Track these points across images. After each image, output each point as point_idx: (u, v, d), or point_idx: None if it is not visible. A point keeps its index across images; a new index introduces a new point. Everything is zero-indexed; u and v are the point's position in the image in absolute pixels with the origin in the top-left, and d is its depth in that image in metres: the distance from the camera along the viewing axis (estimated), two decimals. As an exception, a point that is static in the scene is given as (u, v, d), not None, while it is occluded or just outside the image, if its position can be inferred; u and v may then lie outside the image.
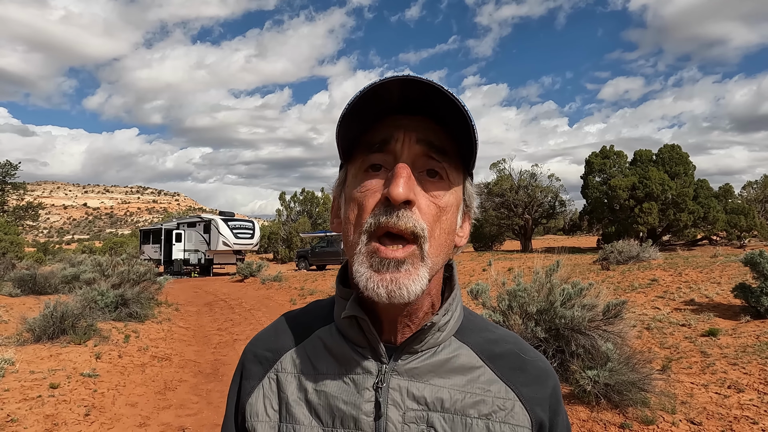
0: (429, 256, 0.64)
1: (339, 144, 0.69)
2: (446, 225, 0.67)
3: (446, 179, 0.66)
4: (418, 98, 0.63)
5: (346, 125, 0.65)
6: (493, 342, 0.74)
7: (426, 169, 0.66)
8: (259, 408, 0.73)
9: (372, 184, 0.65)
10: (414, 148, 0.65)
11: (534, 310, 4.85)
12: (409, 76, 0.60)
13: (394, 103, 0.64)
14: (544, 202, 33.12)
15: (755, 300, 6.66)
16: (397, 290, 0.62)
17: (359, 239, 0.64)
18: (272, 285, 17.63)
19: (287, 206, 43.51)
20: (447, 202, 0.66)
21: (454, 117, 0.63)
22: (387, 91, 0.62)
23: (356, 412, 0.67)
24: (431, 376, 0.69)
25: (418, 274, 0.63)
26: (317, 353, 0.73)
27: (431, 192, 0.65)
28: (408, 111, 0.65)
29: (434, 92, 0.61)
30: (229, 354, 7.40)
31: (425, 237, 0.63)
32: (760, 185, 41.60)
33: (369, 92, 0.62)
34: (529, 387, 0.70)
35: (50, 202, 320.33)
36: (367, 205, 0.64)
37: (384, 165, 0.66)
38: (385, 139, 0.65)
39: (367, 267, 0.63)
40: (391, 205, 0.62)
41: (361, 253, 0.64)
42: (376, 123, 0.66)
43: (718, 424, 3.79)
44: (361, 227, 0.64)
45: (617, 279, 10.74)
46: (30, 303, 10.71)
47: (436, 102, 0.63)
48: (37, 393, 4.79)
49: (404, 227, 0.62)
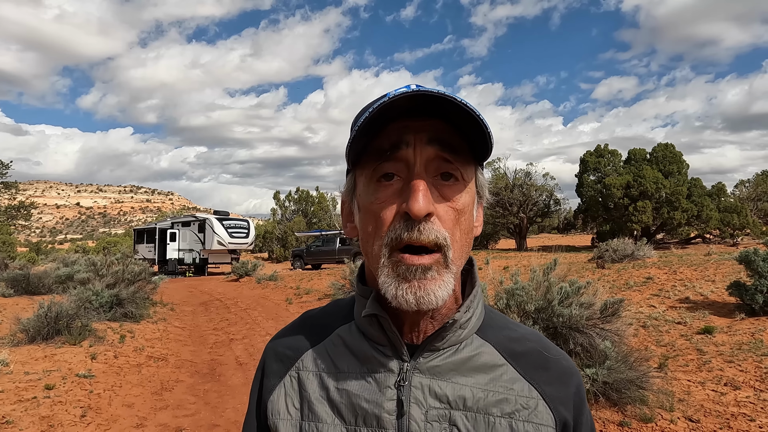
0: (453, 261, 0.64)
1: (348, 155, 0.68)
2: (465, 225, 0.67)
3: (461, 180, 0.66)
4: (427, 103, 0.62)
5: (357, 140, 0.64)
6: (515, 340, 0.73)
7: (440, 173, 0.65)
8: (280, 406, 0.73)
9: (387, 195, 0.64)
10: (426, 150, 0.64)
11: (532, 309, 4.85)
12: (419, 91, 0.59)
13: (403, 108, 0.63)
14: (539, 201, 33.24)
15: (750, 297, 6.71)
16: (426, 296, 0.62)
17: (381, 252, 0.64)
18: (268, 284, 17.56)
19: (282, 205, 43.43)
20: (464, 204, 0.66)
21: (467, 122, 0.62)
22: (394, 105, 0.61)
23: (378, 411, 0.66)
24: (453, 375, 0.68)
25: (443, 280, 0.63)
26: (338, 352, 0.73)
27: (448, 196, 0.65)
28: (417, 114, 0.64)
29: (446, 101, 0.60)
30: (226, 354, 7.36)
31: (448, 245, 0.63)
32: (752, 184, 41.93)
33: (377, 112, 0.61)
34: (552, 386, 0.69)
35: (43, 201, 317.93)
36: (385, 218, 0.64)
37: (396, 173, 0.64)
38: (395, 144, 0.64)
39: (394, 277, 0.63)
40: (411, 220, 0.62)
41: (386, 265, 0.64)
42: (383, 128, 0.65)
43: (715, 422, 3.82)
44: (382, 240, 0.64)
45: (613, 277, 10.79)
46: (23, 303, 10.62)
47: (447, 107, 0.62)
48: (33, 394, 4.75)
49: (427, 241, 0.62)
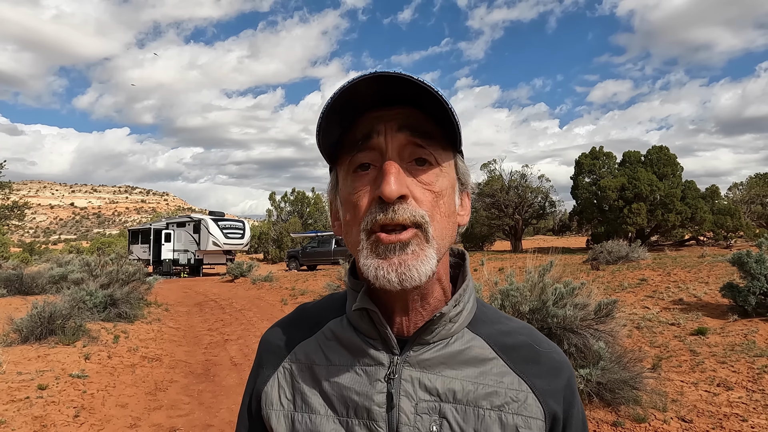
0: (434, 237, 0.64)
1: (322, 150, 0.69)
2: (445, 209, 0.67)
3: (436, 164, 0.66)
4: (392, 92, 0.63)
5: (325, 132, 0.65)
6: (506, 333, 0.74)
7: (414, 158, 0.65)
8: (273, 397, 0.74)
9: (363, 184, 0.65)
10: (397, 137, 0.64)
11: (526, 310, 4.86)
12: (376, 73, 0.59)
13: (369, 99, 0.64)
14: (535, 203, 33.29)
15: (743, 299, 6.76)
16: (407, 272, 0.62)
17: (359, 237, 0.65)
18: (263, 285, 17.52)
19: (277, 206, 43.36)
20: (441, 187, 0.66)
21: (431, 102, 0.63)
22: (359, 91, 0.62)
23: (369, 403, 0.67)
24: (443, 368, 0.68)
25: (425, 254, 0.63)
26: (329, 345, 0.74)
27: (423, 180, 0.65)
28: (385, 104, 0.65)
29: (406, 83, 0.60)
30: (220, 354, 7.33)
31: (427, 222, 0.63)
32: (745, 187, 42.17)
33: (339, 97, 0.62)
34: (542, 379, 0.70)
35: (36, 201, 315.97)
36: (361, 205, 0.65)
37: (372, 162, 0.65)
38: (366, 134, 0.65)
39: (373, 257, 0.63)
40: (385, 203, 0.62)
41: (364, 247, 0.64)
42: (355, 121, 0.66)
43: (708, 422, 3.84)
44: (359, 226, 0.65)
45: (607, 279, 10.84)
46: (16, 303, 10.55)
47: (411, 92, 0.62)
48: (25, 394, 4.72)
49: (402, 219, 0.62)
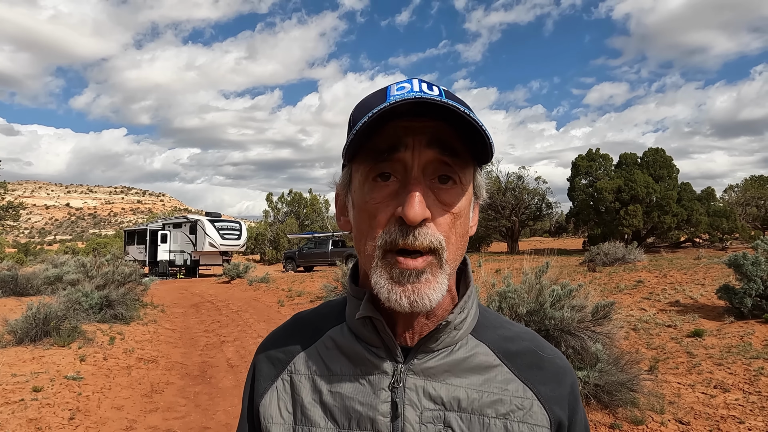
0: (447, 262, 0.63)
1: (348, 152, 0.65)
2: (461, 229, 0.65)
3: (459, 183, 0.64)
4: (428, 104, 0.60)
5: (354, 141, 0.62)
6: (509, 339, 0.73)
7: (438, 175, 0.63)
8: (273, 410, 0.72)
9: (382, 195, 0.63)
10: (425, 153, 0.62)
11: (524, 311, 4.86)
12: (422, 98, 0.57)
13: (403, 108, 0.61)
14: (531, 204, 33.38)
15: (739, 301, 6.78)
16: (420, 300, 0.62)
17: (374, 252, 0.63)
18: (259, 286, 17.48)
19: (274, 207, 43.29)
20: (461, 207, 0.65)
21: (469, 125, 0.60)
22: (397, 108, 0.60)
23: (373, 413, 0.66)
24: (447, 376, 0.68)
25: (438, 281, 0.63)
26: (330, 354, 0.72)
27: (445, 201, 0.63)
28: (415, 114, 0.62)
29: (447, 109, 0.58)
30: (217, 356, 7.30)
31: (443, 248, 0.62)
32: (741, 189, 42.38)
33: (377, 115, 0.59)
34: (547, 385, 0.69)
35: (32, 201, 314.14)
36: (379, 219, 0.63)
37: (393, 173, 0.63)
38: (393, 145, 0.62)
39: (387, 279, 0.62)
40: (406, 225, 0.60)
41: (379, 266, 0.63)
42: (383, 126, 0.62)
43: (705, 424, 3.84)
44: (375, 241, 0.63)
45: (604, 280, 10.86)
46: (11, 304, 10.49)
47: (447, 112, 0.59)
48: (20, 396, 4.68)
49: (421, 246, 0.61)
